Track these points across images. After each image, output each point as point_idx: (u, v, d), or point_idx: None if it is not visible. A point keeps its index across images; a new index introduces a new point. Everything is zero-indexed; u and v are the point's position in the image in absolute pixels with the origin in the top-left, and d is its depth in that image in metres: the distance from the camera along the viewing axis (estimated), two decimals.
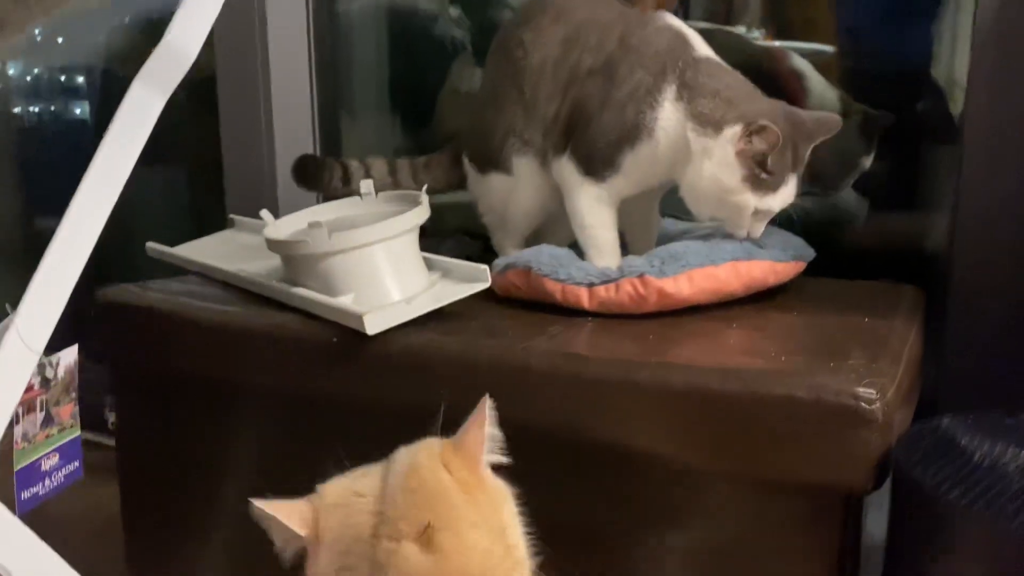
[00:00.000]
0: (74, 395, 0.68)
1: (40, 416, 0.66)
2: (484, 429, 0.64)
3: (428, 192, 1.03)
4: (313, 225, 0.94)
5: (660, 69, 0.98)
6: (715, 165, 0.95)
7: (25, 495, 0.66)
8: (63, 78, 2.24)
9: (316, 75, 1.66)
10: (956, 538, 0.62)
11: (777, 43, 1.43)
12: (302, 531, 0.61)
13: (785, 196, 0.97)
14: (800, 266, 1.06)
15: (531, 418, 0.82)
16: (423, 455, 0.64)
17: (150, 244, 1.33)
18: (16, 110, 2.26)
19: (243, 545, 0.70)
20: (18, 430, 0.63)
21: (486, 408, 0.64)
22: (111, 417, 1.05)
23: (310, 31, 1.65)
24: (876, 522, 0.77)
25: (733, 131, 0.94)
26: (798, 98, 1.29)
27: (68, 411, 0.68)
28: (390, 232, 0.96)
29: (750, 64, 1.03)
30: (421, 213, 0.99)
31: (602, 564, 0.82)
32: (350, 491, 0.64)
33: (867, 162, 1.27)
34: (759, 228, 0.99)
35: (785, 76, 1.34)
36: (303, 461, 0.98)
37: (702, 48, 1.00)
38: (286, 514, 0.63)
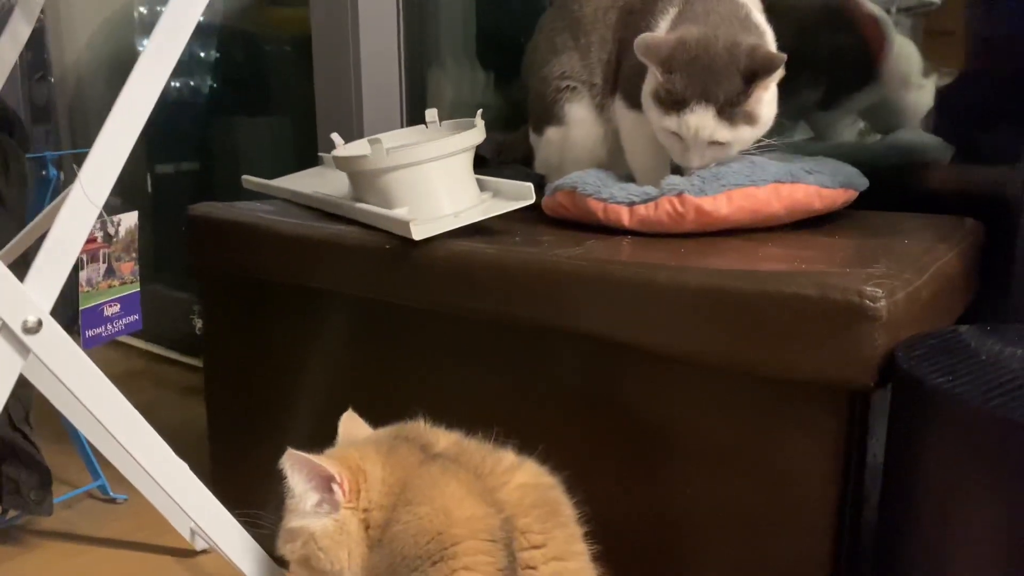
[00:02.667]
0: (134, 255, 0.78)
1: (103, 267, 0.76)
2: None
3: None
4: (373, 142, 1.02)
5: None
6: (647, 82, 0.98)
7: (89, 333, 0.76)
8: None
9: (404, 35, 1.75)
10: (942, 423, 0.63)
11: None
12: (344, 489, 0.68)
13: (691, 123, 0.94)
14: (850, 194, 1.05)
15: (558, 318, 0.88)
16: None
17: (245, 177, 1.45)
18: None
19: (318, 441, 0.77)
20: (83, 275, 0.74)
21: None
22: (198, 324, 1.16)
23: None
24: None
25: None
26: (877, 43, 1.29)
27: (129, 268, 0.78)
28: (443, 151, 1.02)
29: (822, 12, 1.04)
30: (473, 136, 1.05)
31: (613, 457, 0.87)
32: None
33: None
34: (694, 158, 0.97)
35: (863, 22, 1.33)
36: (364, 359, 1.07)
37: None
38: (328, 463, 0.69)
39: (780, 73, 0.95)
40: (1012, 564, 0.57)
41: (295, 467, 0.69)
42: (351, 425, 0.82)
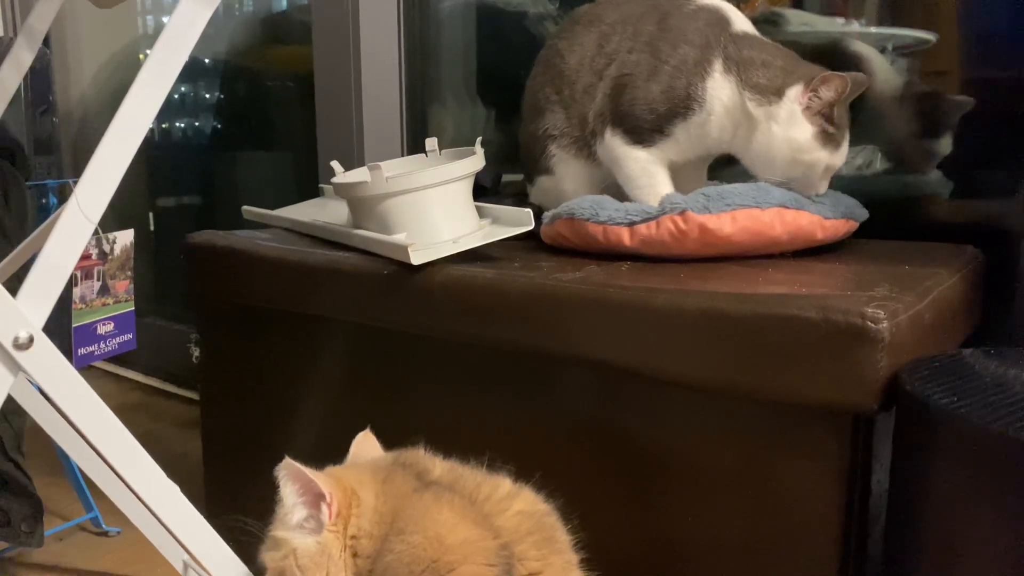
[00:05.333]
0: (130, 273, 0.78)
1: (97, 284, 0.75)
2: None
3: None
4: (372, 168, 1.02)
5: (704, 43, 1.01)
6: (784, 127, 0.98)
7: (81, 351, 0.75)
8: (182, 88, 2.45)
9: (405, 72, 1.76)
10: (948, 444, 0.62)
11: (874, 29, 1.43)
12: (331, 511, 0.66)
13: (844, 153, 1.00)
14: (851, 224, 1.05)
15: (557, 343, 0.87)
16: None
17: (245, 207, 1.46)
18: None
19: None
20: (76, 292, 0.73)
21: None
22: (195, 353, 1.15)
23: (400, 32, 1.75)
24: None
25: (796, 90, 0.97)
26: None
27: (124, 286, 0.78)
28: (442, 177, 1.02)
29: (810, 51, 1.06)
30: (472, 163, 1.05)
31: (613, 483, 0.85)
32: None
33: (945, 143, 1.26)
34: (825, 186, 1.01)
35: (847, 60, 1.34)
36: (362, 386, 1.06)
37: (740, 24, 1.03)
38: (322, 480, 0.67)
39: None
40: None
41: (289, 478, 0.68)
42: (364, 446, 0.80)
